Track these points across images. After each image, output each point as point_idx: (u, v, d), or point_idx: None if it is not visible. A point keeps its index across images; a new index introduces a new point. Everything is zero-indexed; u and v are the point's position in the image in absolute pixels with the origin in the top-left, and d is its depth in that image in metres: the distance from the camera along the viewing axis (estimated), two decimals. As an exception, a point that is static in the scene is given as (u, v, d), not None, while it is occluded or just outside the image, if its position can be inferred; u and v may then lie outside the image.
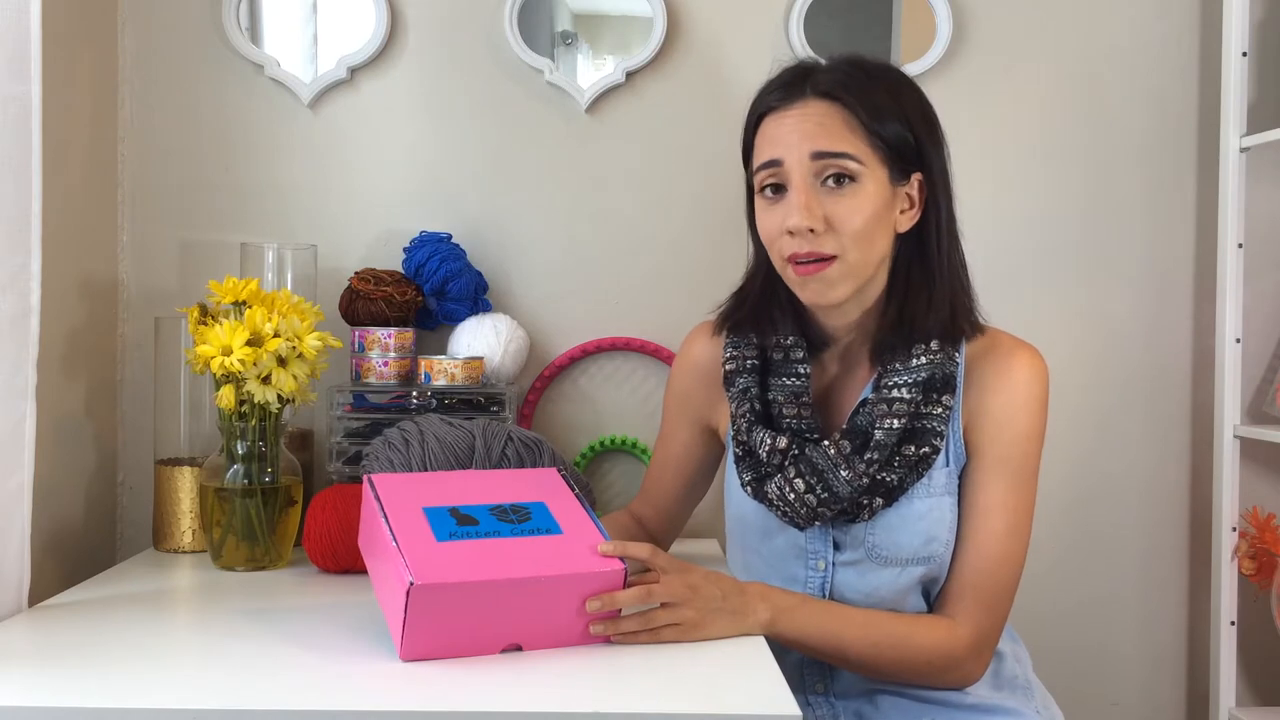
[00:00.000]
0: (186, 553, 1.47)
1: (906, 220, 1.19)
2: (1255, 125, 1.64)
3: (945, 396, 1.18)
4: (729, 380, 1.26)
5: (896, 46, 1.70)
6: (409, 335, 1.56)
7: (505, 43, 1.66)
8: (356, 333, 1.56)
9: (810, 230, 1.14)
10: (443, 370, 1.52)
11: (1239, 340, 1.63)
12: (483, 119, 1.68)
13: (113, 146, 1.64)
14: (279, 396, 1.33)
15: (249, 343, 1.31)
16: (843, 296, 1.18)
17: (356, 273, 1.60)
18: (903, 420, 1.16)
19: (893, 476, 1.17)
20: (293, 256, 1.56)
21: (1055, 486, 1.72)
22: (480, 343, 1.57)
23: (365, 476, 1.11)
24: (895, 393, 1.17)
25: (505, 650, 1.04)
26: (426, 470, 1.34)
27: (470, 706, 0.91)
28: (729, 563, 1.38)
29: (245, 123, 1.67)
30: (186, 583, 1.34)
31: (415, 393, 1.54)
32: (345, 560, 1.35)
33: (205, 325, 1.34)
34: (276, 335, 1.32)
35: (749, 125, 1.22)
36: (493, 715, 0.90)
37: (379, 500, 1.08)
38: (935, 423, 1.18)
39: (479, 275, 1.65)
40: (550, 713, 0.90)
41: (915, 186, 1.19)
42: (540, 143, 1.69)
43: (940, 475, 1.19)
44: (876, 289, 1.21)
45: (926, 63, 1.67)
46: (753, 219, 1.24)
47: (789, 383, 1.23)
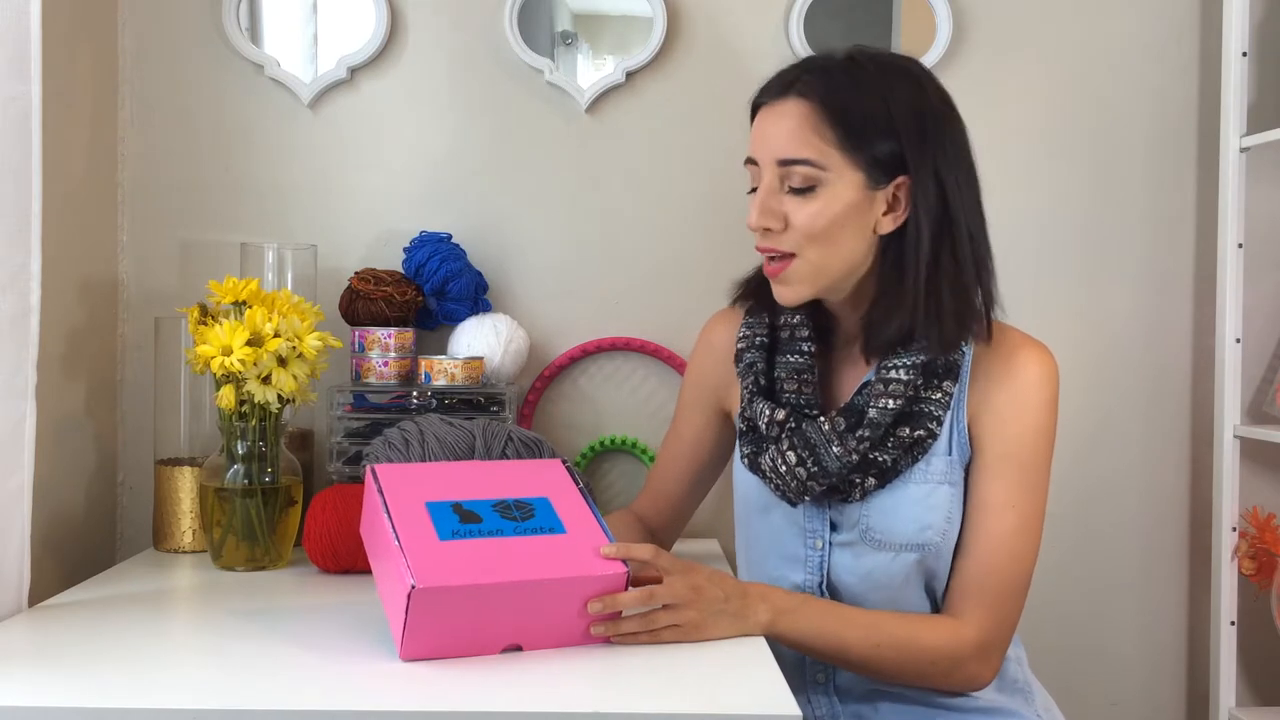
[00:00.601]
0: (186, 553, 1.47)
1: (889, 222, 1.16)
2: (1255, 125, 1.64)
3: (946, 383, 1.19)
4: (739, 356, 1.28)
5: (896, 46, 1.70)
6: (409, 335, 1.56)
7: (505, 43, 1.66)
8: (356, 333, 1.56)
9: (767, 229, 1.17)
10: (443, 370, 1.52)
11: (1239, 340, 1.63)
12: (483, 119, 1.68)
13: (113, 146, 1.64)
14: (279, 396, 1.33)
15: (249, 343, 1.31)
16: (802, 296, 1.19)
17: (356, 273, 1.60)
18: (899, 401, 1.16)
19: (885, 457, 1.18)
20: (293, 256, 1.56)
21: (1055, 486, 1.69)
22: (480, 343, 1.57)
23: (368, 466, 1.10)
24: (894, 374, 1.17)
25: (505, 650, 1.04)
26: None
27: (470, 706, 0.91)
28: (736, 544, 1.38)
29: (245, 123, 1.67)
30: (186, 583, 1.34)
31: (415, 393, 1.54)
32: (345, 560, 1.35)
33: (205, 325, 1.34)
34: (276, 335, 1.32)
35: (750, 113, 1.24)
36: (493, 715, 0.90)
37: (381, 493, 1.07)
38: (933, 407, 1.18)
39: (479, 275, 1.65)
40: (550, 713, 0.90)
41: (898, 189, 1.16)
42: (540, 143, 1.69)
43: (940, 463, 1.19)
44: (856, 283, 1.19)
45: (926, 62, 1.66)
46: None
47: (793, 360, 1.24)
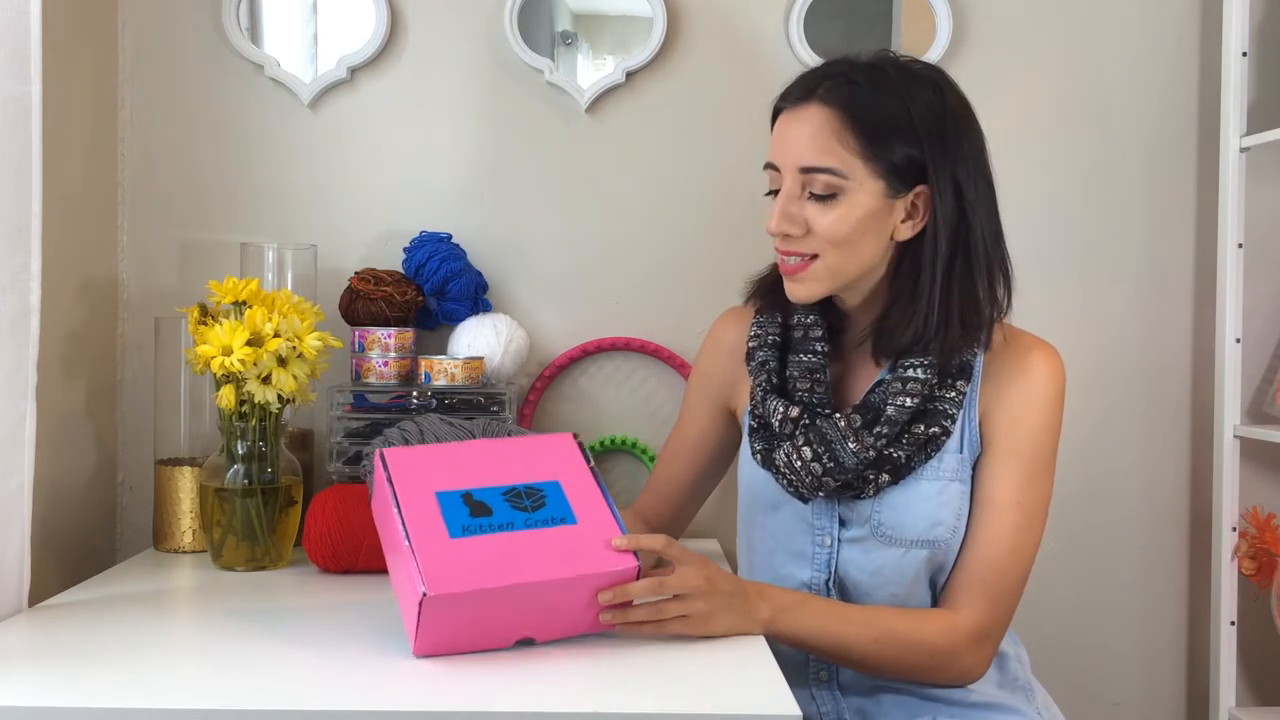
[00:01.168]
0: (186, 553, 1.47)
1: (908, 229, 1.18)
2: (1255, 125, 1.64)
3: (960, 382, 1.20)
4: (750, 355, 1.29)
5: (896, 46, 1.69)
6: (409, 335, 1.56)
7: (505, 43, 1.66)
8: (356, 333, 1.56)
9: (787, 234, 1.18)
10: (443, 370, 1.52)
11: (1239, 340, 1.63)
12: (483, 119, 1.68)
13: (113, 146, 1.64)
14: (279, 396, 1.33)
15: (249, 343, 1.31)
16: (816, 294, 1.20)
17: (356, 273, 1.60)
18: (915, 400, 1.18)
19: (900, 453, 1.18)
20: (293, 256, 1.56)
21: (1056, 486, 1.71)
22: (480, 343, 1.57)
23: (377, 451, 1.09)
24: (911, 372, 1.19)
25: (518, 643, 1.05)
26: None
27: (471, 706, 0.91)
28: (738, 543, 1.38)
29: (245, 123, 1.67)
30: (186, 583, 1.35)
31: (415, 393, 1.54)
32: (345, 560, 1.35)
33: (205, 325, 1.34)
34: (276, 335, 1.32)
35: (772, 116, 1.24)
36: (493, 715, 0.90)
37: (391, 482, 1.06)
38: (947, 405, 1.19)
39: (479, 275, 1.65)
40: (550, 713, 0.90)
41: (918, 198, 1.17)
42: (540, 143, 1.69)
43: (951, 459, 1.20)
44: (873, 284, 1.22)
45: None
46: None
47: (806, 359, 1.25)
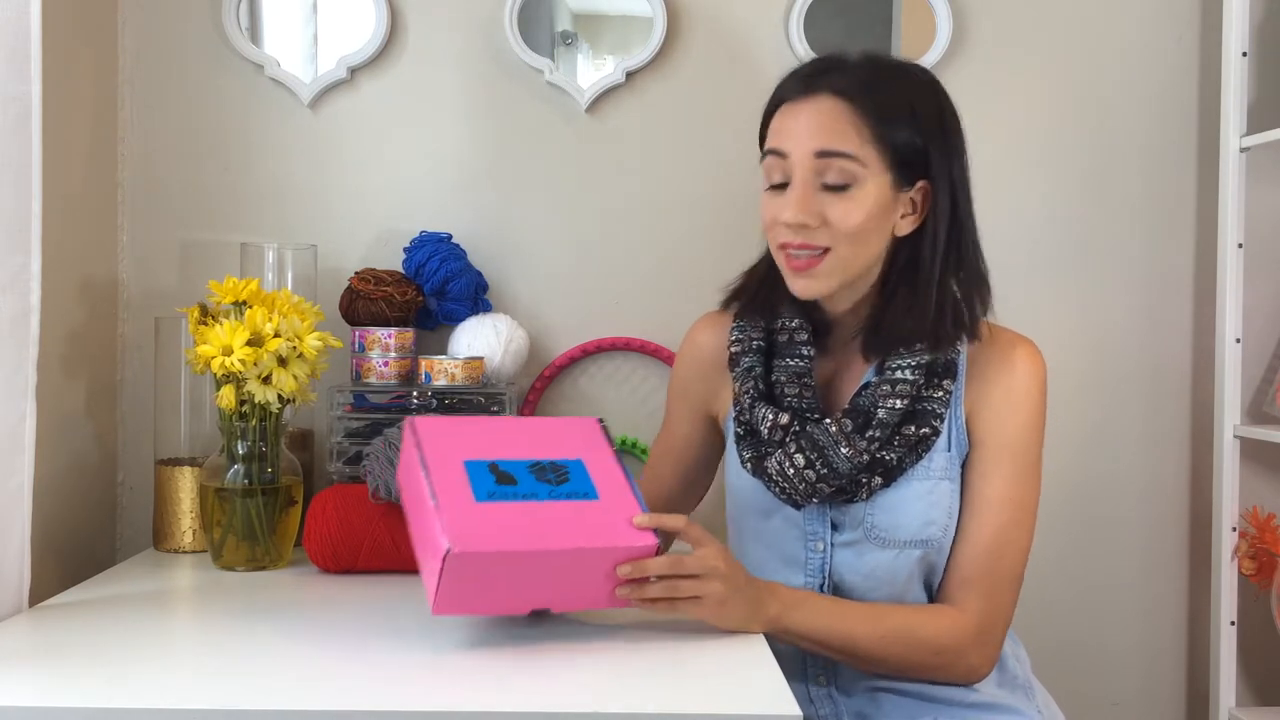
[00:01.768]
0: (186, 553, 1.47)
1: (907, 225, 1.19)
2: (1255, 125, 1.64)
3: (946, 381, 1.20)
4: (734, 361, 1.28)
5: (896, 46, 1.70)
6: (409, 335, 1.56)
7: (505, 43, 1.66)
8: (356, 333, 1.56)
9: (804, 225, 1.16)
10: (443, 370, 1.52)
11: (1239, 340, 1.63)
12: (483, 119, 1.68)
13: (113, 146, 1.64)
14: (279, 396, 1.33)
15: (249, 343, 1.31)
16: (828, 290, 1.20)
17: (356, 273, 1.60)
18: (905, 401, 1.18)
19: (892, 456, 1.19)
20: (293, 256, 1.56)
21: (1055, 486, 1.70)
22: (480, 343, 1.57)
23: (407, 420, 1.12)
24: (899, 374, 1.19)
25: (533, 611, 1.06)
26: None
27: (471, 706, 0.91)
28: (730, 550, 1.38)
29: (245, 123, 1.67)
30: (186, 583, 1.35)
31: (415, 393, 1.54)
32: (345, 560, 1.35)
33: (205, 325, 1.34)
34: (277, 335, 1.32)
35: (766, 115, 1.23)
36: (493, 714, 0.90)
37: (420, 447, 1.08)
38: (935, 405, 1.20)
39: (479, 275, 1.65)
40: (550, 713, 0.90)
41: (919, 193, 1.19)
42: (540, 143, 1.69)
43: (940, 459, 1.21)
44: (867, 285, 1.22)
45: (926, 63, 1.66)
46: None
47: (792, 364, 1.24)
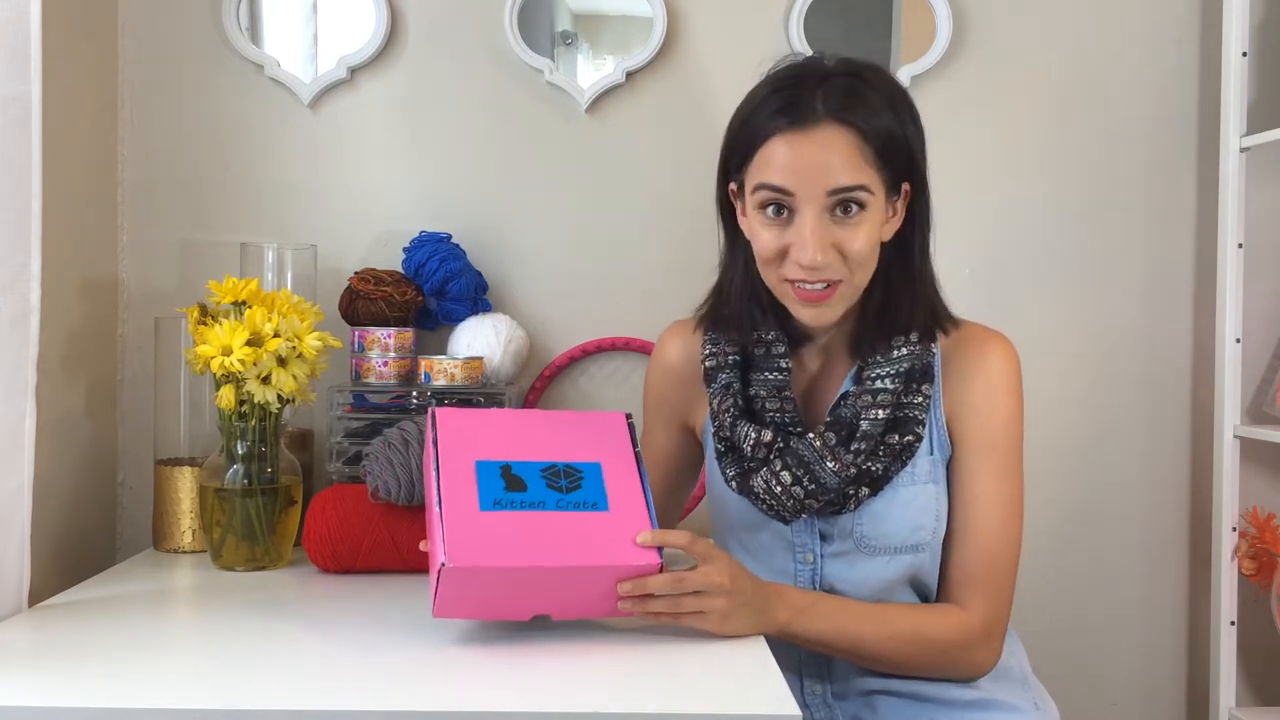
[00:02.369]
0: (186, 553, 1.47)
1: (890, 229, 1.19)
2: (1255, 125, 1.64)
3: (924, 386, 1.20)
4: (710, 376, 1.26)
5: (896, 47, 1.70)
6: (409, 335, 1.56)
7: (505, 43, 1.66)
8: (356, 333, 1.56)
9: (825, 265, 1.14)
10: (443, 370, 1.52)
11: (1239, 340, 1.63)
12: (482, 119, 1.68)
13: (113, 146, 1.64)
14: (279, 396, 1.33)
15: (249, 343, 1.31)
16: (840, 315, 1.20)
17: (356, 273, 1.60)
18: (887, 410, 1.18)
19: (878, 466, 1.18)
20: (293, 256, 1.56)
21: (1055, 486, 1.72)
22: (480, 343, 1.57)
23: (430, 409, 1.13)
24: (879, 384, 1.19)
25: (534, 618, 1.07)
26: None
27: (471, 706, 0.91)
28: None
29: (245, 123, 1.67)
30: (186, 583, 1.34)
31: (415, 393, 1.54)
32: (345, 560, 1.35)
33: (205, 325, 1.34)
34: (276, 335, 1.32)
35: (751, 136, 1.17)
36: (493, 715, 0.90)
37: (436, 444, 1.09)
38: (916, 411, 1.20)
39: (479, 275, 1.65)
40: (550, 713, 0.90)
41: (901, 196, 1.19)
42: (540, 143, 1.69)
43: (924, 463, 1.21)
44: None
45: (926, 63, 1.67)
46: (727, 213, 1.27)
47: (771, 377, 1.23)
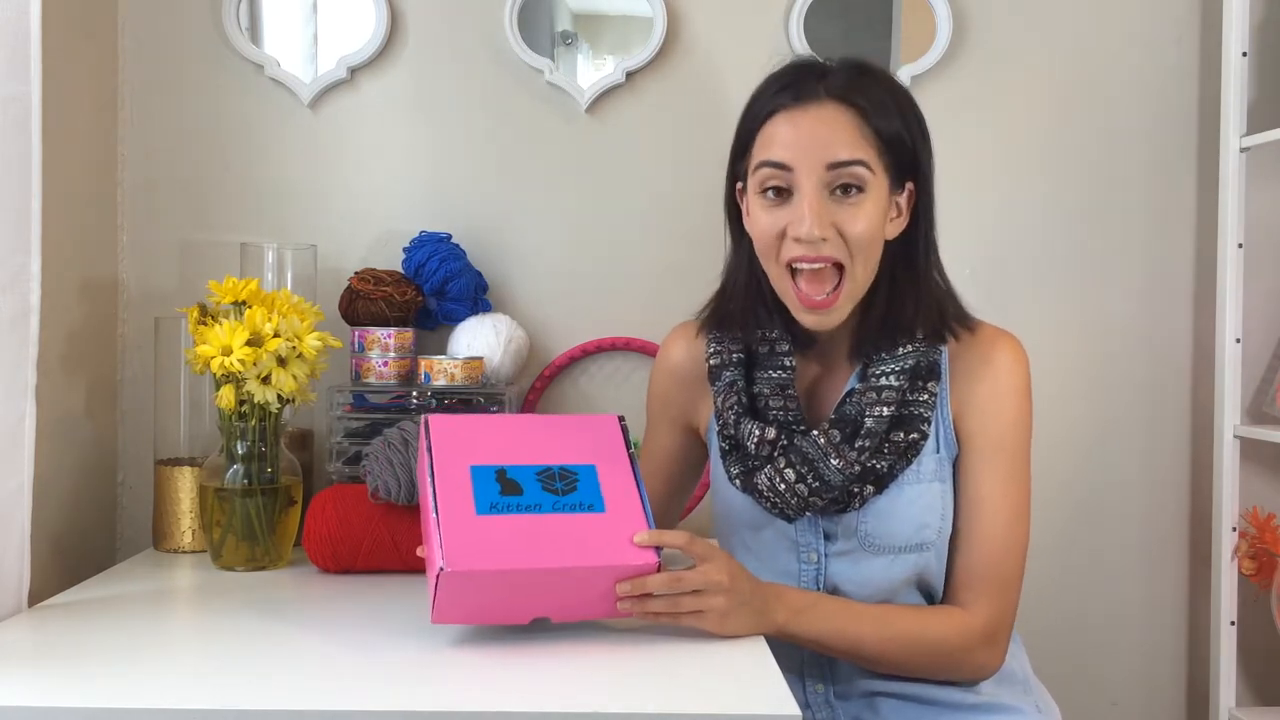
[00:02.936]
0: (186, 553, 1.47)
1: (895, 228, 1.20)
2: (1255, 125, 1.64)
3: (930, 383, 1.20)
4: (714, 374, 1.26)
5: (896, 47, 1.70)
6: (409, 335, 1.56)
7: (505, 43, 1.66)
8: (356, 333, 1.56)
9: (821, 239, 1.14)
10: (442, 370, 1.52)
11: (1239, 340, 1.63)
12: (483, 119, 1.68)
13: (113, 146, 1.64)
14: (279, 396, 1.33)
15: (249, 343, 1.31)
16: (841, 320, 1.19)
17: (356, 273, 1.60)
18: (892, 408, 1.17)
19: (883, 464, 1.18)
20: (293, 256, 1.56)
21: (1055, 487, 1.72)
22: (480, 343, 1.57)
23: (424, 417, 1.13)
24: (884, 380, 1.18)
25: (533, 620, 1.07)
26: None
27: (471, 706, 0.91)
28: None
29: (245, 123, 1.67)
30: (186, 583, 1.34)
31: (415, 393, 1.54)
32: (345, 560, 1.35)
33: (205, 325, 1.34)
34: (276, 335, 1.32)
35: (753, 119, 1.19)
36: (493, 715, 0.89)
37: (430, 450, 1.09)
38: (922, 409, 1.19)
39: (479, 275, 1.65)
40: (550, 713, 0.90)
41: (906, 195, 1.19)
42: (540, 143, 1.69)
43: (930, 461, 1.20)
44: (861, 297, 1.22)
45: (926, 63, 1.67)
46: (734, 213, 1.26)
47: (775, 375, 1.23)
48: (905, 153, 1.17)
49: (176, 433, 1.52)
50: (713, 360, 1.27)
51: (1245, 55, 1.61)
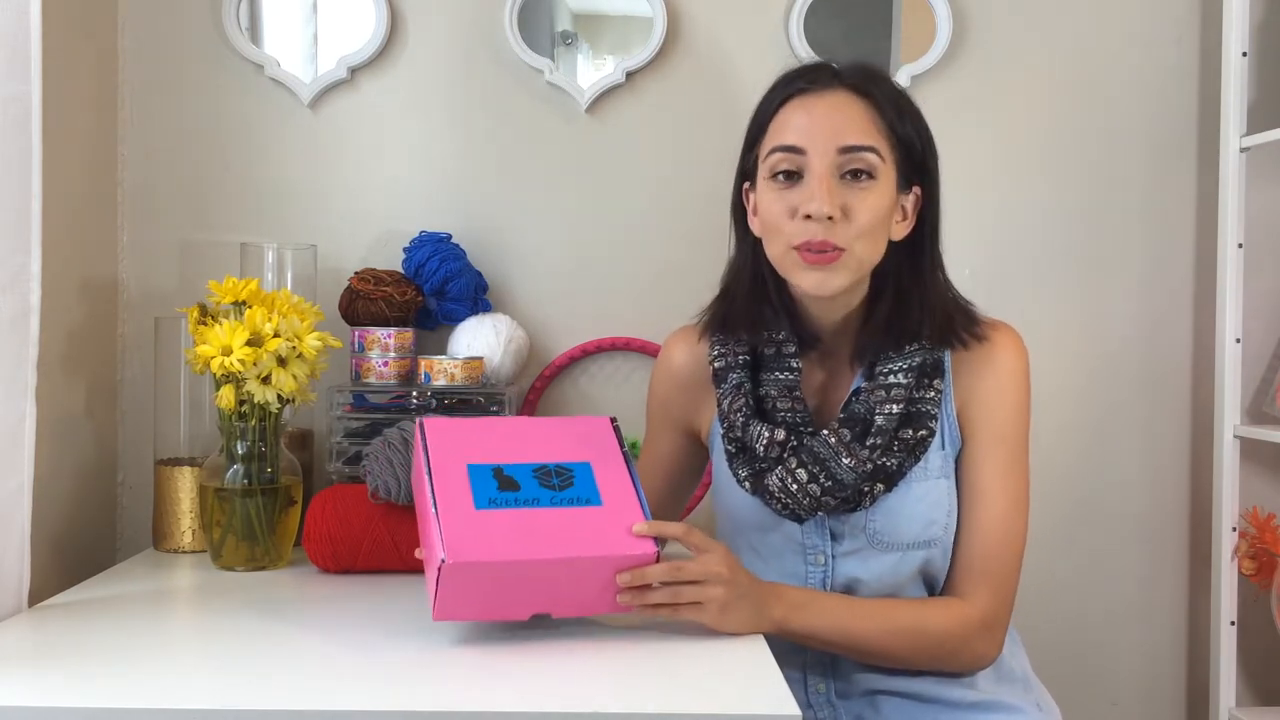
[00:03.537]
0: (186, 553, 1.47)
1: (901, 230, 1.20)
2: (1255, 125, 1.64)
3: (936, 380, 1.20)
4: (720, 377, 1.26)
5: (896, 46, 1.70)
6: (409, 335, 1.56)
7: (505, 43, 1.66)
8: (356, 333, 1.56)
9: (829, 218, 1.13)
10: (442, 370, 1.52)
11: (1239, 340, 1.63)
12: (483, 119, 1.68)
13: (113, 146, 1.64)
14: (279, 396, 1.33)
15: (249, 343, 1.31)
16: (840, 288, 1.17)
17: (356, 273, 1.60)
18: (900, 405, 1.18)
19: (892, 461, 1.18)
20: (293, 256, 1.56)
21: (1055, 487, 1.72)
22: (480, 343, 1.57)
23: (418, 420, 1.14)
24: (892, 378, 1.19)
25: (534, 616, 1.07)
26: None
27: (471, 706, 0.91)
28: None
29: (245, 123, 1.67)
30: (186, 583, 1.34)
31: (415, 393, 1.54)
32: (345, 560, 1.35)
33: (205, 325, 1.34)
34: (276, 335, 1.32)
35: (766, 108, 1.21)
36: (493, 715, 0.90)
37: (426, 450, 1.09)
38: (929, 406, 1.20)
39: (479, 275, 1.65)
40: (550, 713, 0.90)
41: (912, 199, 1.20)
42: (540, 143, 1.69)
43: (936, 458, 1.21)
44: (863, 292, 1.22)
45: (926, 63, 1.67)
46: (739, 211, 1.26)
47: (782, 377, 1.23)
48: (915, 154, 1.19)
49: (176, 433, 1.52)
50: (717, 363, 1.27)
51: (1245, 55, 1.61)
